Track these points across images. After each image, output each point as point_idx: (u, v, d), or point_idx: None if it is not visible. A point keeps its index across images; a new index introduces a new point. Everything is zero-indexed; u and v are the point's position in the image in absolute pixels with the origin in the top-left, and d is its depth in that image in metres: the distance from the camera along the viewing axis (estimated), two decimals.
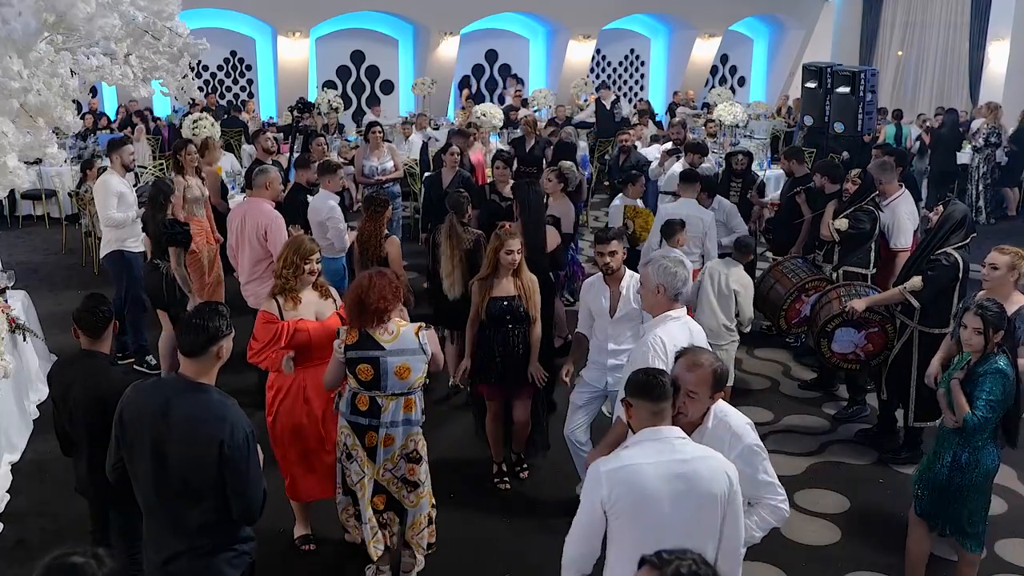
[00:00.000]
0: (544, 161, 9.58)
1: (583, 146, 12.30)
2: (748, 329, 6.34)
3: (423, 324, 4.23)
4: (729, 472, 2.88)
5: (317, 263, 4.54)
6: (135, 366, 6.94)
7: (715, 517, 2.86)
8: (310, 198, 7.25)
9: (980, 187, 12.42)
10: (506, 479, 5.44)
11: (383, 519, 4.31)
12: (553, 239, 6.32)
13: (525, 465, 5.55)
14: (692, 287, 5.74)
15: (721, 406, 3.24)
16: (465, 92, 17.10)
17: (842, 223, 6.48)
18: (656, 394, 2.90)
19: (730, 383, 5.95)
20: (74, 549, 2.11)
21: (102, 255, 7.24)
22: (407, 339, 4.12)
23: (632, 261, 6.11)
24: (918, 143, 13.44)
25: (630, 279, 4.72)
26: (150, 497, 3.08)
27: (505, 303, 5.02)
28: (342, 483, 4.37)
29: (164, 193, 6.36)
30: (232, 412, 3.04)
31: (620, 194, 7.85)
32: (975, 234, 5.63)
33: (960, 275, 5.32)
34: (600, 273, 4.85)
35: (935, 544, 4.44)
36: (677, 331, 3.86)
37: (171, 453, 2.99)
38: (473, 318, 5.14)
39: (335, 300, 4.65)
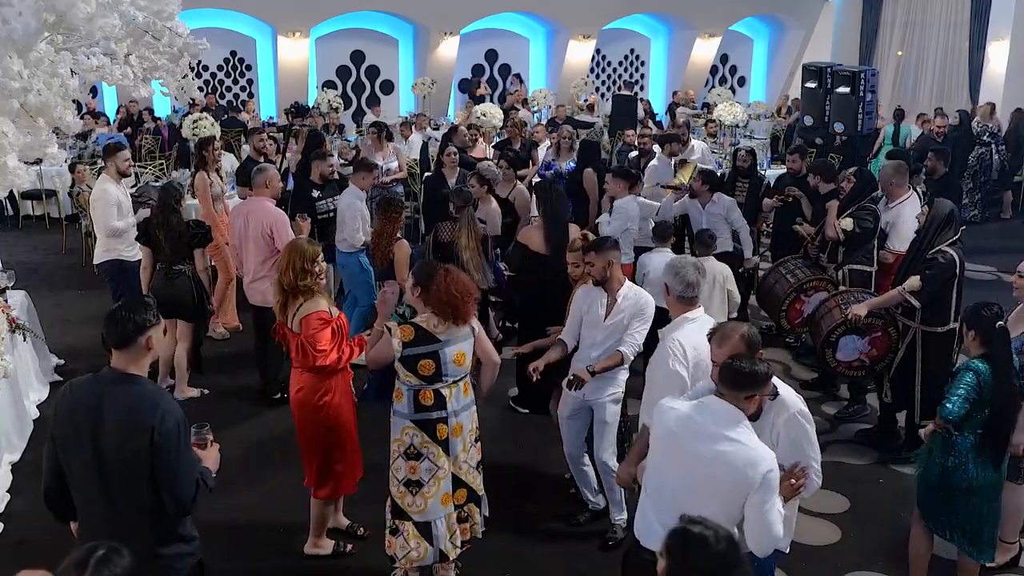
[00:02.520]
0: (530, 163, 9.64)
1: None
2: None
3: None
4: (751, 472, 2.95)
5: (322, 261, 4.55)
6: None
7: (723, 498, 2.98)
8: (316, 192, 7.22)
9: (971, 184, 12.33)
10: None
11: (463, 512, 4.26)
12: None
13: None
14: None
15: (774, 380, 3.38)
16: (479, 93, 17.03)
17: (847, 223, 6.45)
18: (739, 383, 3.08)
19: None
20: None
21: (97, 262, 7.10)
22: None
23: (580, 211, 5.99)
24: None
25: (627, 289, 4.63)
26: (86, 493, 3.06)
27: None
28: (392, 507, 4.21)
29: (175, 197, 6.34)
30: (165, 400, 3.04)
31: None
32: (965, 227, 5.64)
33: (957, 271, 5.34)
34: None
35: (938, 544, 4.41)
36: (695, 332, 3.77)
37: (107, 445, 2.98)
38: None
39: None
